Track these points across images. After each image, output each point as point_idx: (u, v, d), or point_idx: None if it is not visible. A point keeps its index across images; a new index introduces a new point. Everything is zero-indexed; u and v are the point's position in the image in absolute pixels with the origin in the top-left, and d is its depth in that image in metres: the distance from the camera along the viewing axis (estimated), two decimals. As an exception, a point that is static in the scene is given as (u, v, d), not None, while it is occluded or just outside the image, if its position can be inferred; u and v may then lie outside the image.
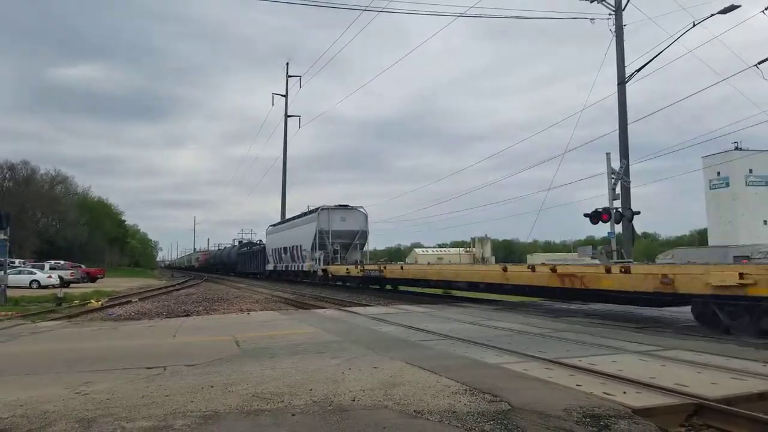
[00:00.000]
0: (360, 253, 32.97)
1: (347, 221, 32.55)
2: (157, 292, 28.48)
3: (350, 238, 32.67)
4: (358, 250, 33.10)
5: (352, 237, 32.74)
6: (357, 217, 33.14)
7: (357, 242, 32.82)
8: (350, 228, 32.64)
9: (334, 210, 32.71)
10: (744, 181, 72.79)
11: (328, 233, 31.98)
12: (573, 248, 76.85)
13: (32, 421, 4.78)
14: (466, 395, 5.41)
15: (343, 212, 32.88)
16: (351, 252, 32.72)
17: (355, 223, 32.87)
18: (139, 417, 4.86)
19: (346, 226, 32.49)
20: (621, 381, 5.90)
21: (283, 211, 49.33)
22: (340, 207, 32.98)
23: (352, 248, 32.77)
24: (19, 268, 35.61)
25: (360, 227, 33.05)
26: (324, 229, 32.05)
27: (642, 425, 4.62)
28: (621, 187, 20.40)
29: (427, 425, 4.57)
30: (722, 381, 5.89)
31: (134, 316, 15.49)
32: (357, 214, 33.27)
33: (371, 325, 11.64)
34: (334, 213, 32.59)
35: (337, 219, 32.33)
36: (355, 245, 32.83)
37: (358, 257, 32.32)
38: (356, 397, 5.41)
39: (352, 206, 33.35)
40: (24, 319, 14.57)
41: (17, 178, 65.52)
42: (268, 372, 6.71)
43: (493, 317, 12.83)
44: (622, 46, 21.44)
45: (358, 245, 32.93)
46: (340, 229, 32.31)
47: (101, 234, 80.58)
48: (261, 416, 4.86)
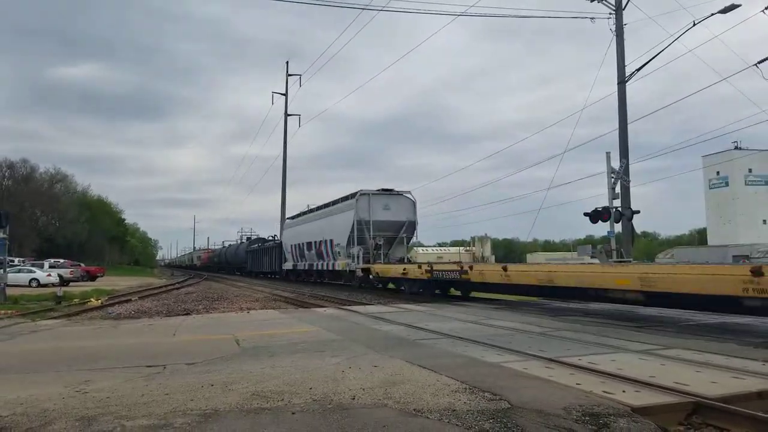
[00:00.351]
0: (405, 250, 27.57)
1: (392, 209, 26.63)
2: (156, 290, 28.47)
3: (395, 230, 26.77)
4: (404, 245, 27.55)
5: (397, 229, 26.78)
6: (403, 205, 27.22)
7: (403, 236, 27.10)
8: (395, 218, 26.70)
9: (376, 195, 26.69)
10: (743, 181, 72.81)
11: (369, 224, 25.95)
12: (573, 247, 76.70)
13: (32, 420, 4.78)
14: (465, 394, 5.42)
15: (387, 198, 26.87)
16: (395, 248, 26.91)
17: (401, 211, 26.94)
18: (139, 415, 4.86)
19: (390, 215, 26.60)
20: (621, 380, 5.90)
21: (283, 210, 49.23)
22: (384, 192, 27.06)
23: (397, 243, 26.95)
24: (19, 266, 35.63)
25: (407, 217, 27.08)
26: (364, 219, 26.01)
27: (641, 424, 4.62)
28: (621, 186, 20.42)
29: (427, 424, 4.57)
30: (722, 380, 5.90)
31: (134, 314, 15.49)
32: (403, 201, 27.31)
33: (371, 324, 11.64)
34: (376, 199, 26.57)
35: (379, 207, 26.36)
36: (400, 239, 27.05)
37: (403, 254, 27.11)
38: (356, 396, 5.41)
39: (398, 191, 27.47)
40: (23, 317, 14.56)
41: (17, 176, 65.59)
42: (268, 370, 6.71)
43: (492, 316, 12.84)
44: (623, 46, 21.44)
45: (404, 239, 27.30)
46: (382, 219, 26.33)
47: (101, 232, 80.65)
48: (261, 415, 4.86)
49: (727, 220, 72.02)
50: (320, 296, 22.78)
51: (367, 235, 25.84)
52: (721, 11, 18.60)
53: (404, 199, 27.40)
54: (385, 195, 26.96)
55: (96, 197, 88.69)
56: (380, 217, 26.34)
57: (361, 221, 25.97)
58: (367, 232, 25.90)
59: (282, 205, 49.73)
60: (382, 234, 26.15)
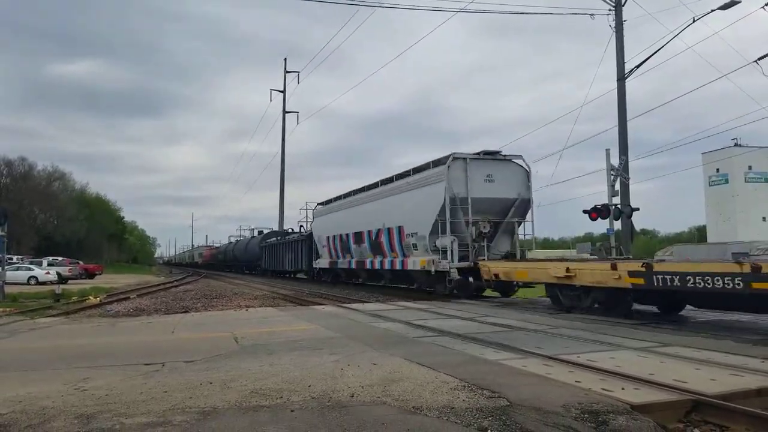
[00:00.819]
0: (513, 242, 19.37)
1: (496, 182, 18.63)
2: (155, 288, 28.44)
3: (501, 212, 18.81)
4: (513, 234, 19.30)
5: (503, 210, 18.81)
6: (513, 175, 19.08)
7: (513, 220, 18.98)
8: (502, 194, 18.69)
9: (476, 161, 18.61)
10: (743, 178, 72.83)
11: (467, 203, 18.04)
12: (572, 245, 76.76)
13: (31, 417, 4.77)
14: (464, 391, 5.41)
15: (491, 165, 18.81)
16: (500, 238, 19.14)
17: (509, 184, 18.87)
18: (138, 413, 4.85)
19: (494, 190, 18.59)
20: (620, 377, 5.90)
21: (281, 208, 49.16)
22: (487, 156, 19.00)
23: (503, 231, 19.12)
24: (18, 264, 35.63)
25: (518, 192, 18.86)
26: (459, 196, 17.99)
27: (640, 421, 4.62)
28: (620, 183, 20.45)
29: (426, 421, 4.57)
30: (721, 377, 5.90)
31: (132, 312, 15.47)
32: (513, 170, 19.16)
33: (370, 322, 11.64)
34: (477, 167, 18.50)
35: (479, 177, 18.44)
36: (508, 226, 19.05)
37: (508, 248, 19.24)
38: (355, 394, 5.41)
39: (505, 155, 19.31)
40: (22, 315, 14.54)
41: (15, 174, 65.52)
42: (267, 368, 6.71)
43: (491, 314, 12.84)
44: (622, 42, 21.45)
45: (513, 226, 19.10)
46: (485, 196, 18.39)
47: (99, 230, 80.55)
48: (260, 412, 4.86)
49: (727, 218, 72.08)
50: (319, 294, 22.78)
51: (462, 218, 18.01)
52: (721, 8, 18.60)
53: (514, 167, 19.19)
54: (488, 160, 18.87)
55: (94, 195, 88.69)
56: (481, 192, 18.38)
57: (456, 198, 17.91)
58: (462, 215, 18.03)
59: (280, 203, 49.73)
60: (482, 218, 18.45)
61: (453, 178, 18.07)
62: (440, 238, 18.12)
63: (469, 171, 18.33)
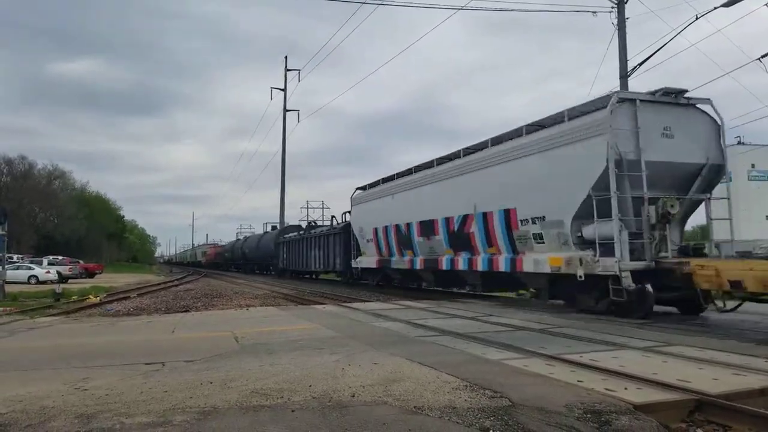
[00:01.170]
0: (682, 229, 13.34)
1: (677, 138, 12.44)
2: (155, 288, 28.42)
3: (682, 184, 12.75)
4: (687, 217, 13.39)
5: (686, 181, 12.76)
6: (699, 128, 12.81)
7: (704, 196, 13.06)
8: (685, 157, 12.49)
9: (649, 105, 12.39)
10: (746, 176, 72.76)
11: (639, 168, 11.92)
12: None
13: (31, 417, 4.75)
14: (466, 391, 5.38)
15: (670, 113, 12.52)
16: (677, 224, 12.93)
17: (695, 142, 12.64)
18: (138, 413, 4.83)
19: (675, 151, 12.41)
20: (622, 377, 5.87)
21: (282, 207, 48.91)
22: (664, 98, 12.49)
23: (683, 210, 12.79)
24: (18, 263, 35.63)
25: (707, 154, 12.72)
26: (627, 158, 11.88)
27: (643, 421, 4.59)
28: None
29: (428, 421, 4.54)
30: (724, 377, 5.87)
31: (132, 311, 15.45)
32: (700, 121, 12.90)
33: (371, 321, 11.61)
34: (649, 114, 12.29)
35: (654, 132, 12.25)
36: (691, 205, 13.08)
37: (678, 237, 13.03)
38: (356, 393, 5.38)
39: (688, 98, 12.76)
40: (22, 314, 14.53)
41: (15, 173, 65.55)
42: (267, 368, 6.68)
43: (493, 313, 12.80)
44: (625, 40, 21.36)
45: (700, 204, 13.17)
46: (662, 159, 12.20)
47: (99, 229, 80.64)
48: (260, 412, 4.83)
49: (729, 216, 71.94)
50: (320, 293, 22.77)
51: (629, 194, 12.00)
52: (724, 5, 18.50)
53: (701, 117, 12.94)
54: (666, 105, 12.61)
55: (94, 194, 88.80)
56: (658, 154, 12.21)
57: (622, 162, 11.88)
58: (629, 188, 12.03)
59: (281, 201, 49.45)
60: (662, 193, 12.25)
61: (618, 130, 11.90)
62: (595, 225, 12.07)
63: (641, 120, 12.17)
